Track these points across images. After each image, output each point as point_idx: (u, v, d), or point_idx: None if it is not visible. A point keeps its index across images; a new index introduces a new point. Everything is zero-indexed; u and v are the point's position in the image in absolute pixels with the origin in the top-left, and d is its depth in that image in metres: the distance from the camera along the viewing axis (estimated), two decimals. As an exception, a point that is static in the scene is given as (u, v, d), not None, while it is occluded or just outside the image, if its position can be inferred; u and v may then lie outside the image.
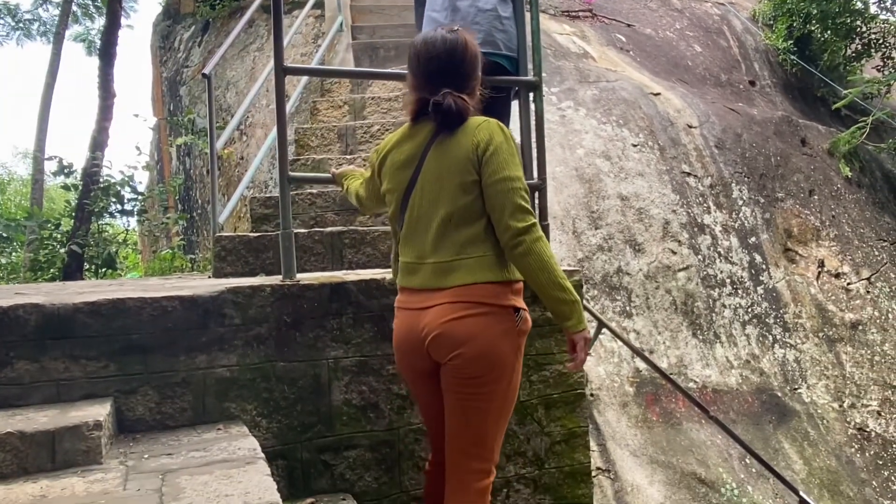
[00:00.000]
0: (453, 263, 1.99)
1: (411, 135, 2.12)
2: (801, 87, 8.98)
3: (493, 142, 1.97)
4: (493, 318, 1.96)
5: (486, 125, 2.02)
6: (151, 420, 2.25)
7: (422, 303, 2.03)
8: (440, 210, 2.01)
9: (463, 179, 1.98)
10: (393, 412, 2.59)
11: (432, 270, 2.02)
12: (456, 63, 2.06)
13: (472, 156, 1.98)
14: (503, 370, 1.98)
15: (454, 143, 2.01)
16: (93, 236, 6.04)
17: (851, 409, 5.47)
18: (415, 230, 2.08)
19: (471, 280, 1.96)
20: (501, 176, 1.95)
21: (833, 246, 6.44)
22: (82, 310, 2.18)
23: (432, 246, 2.03)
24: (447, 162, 2.01)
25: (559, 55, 6.92)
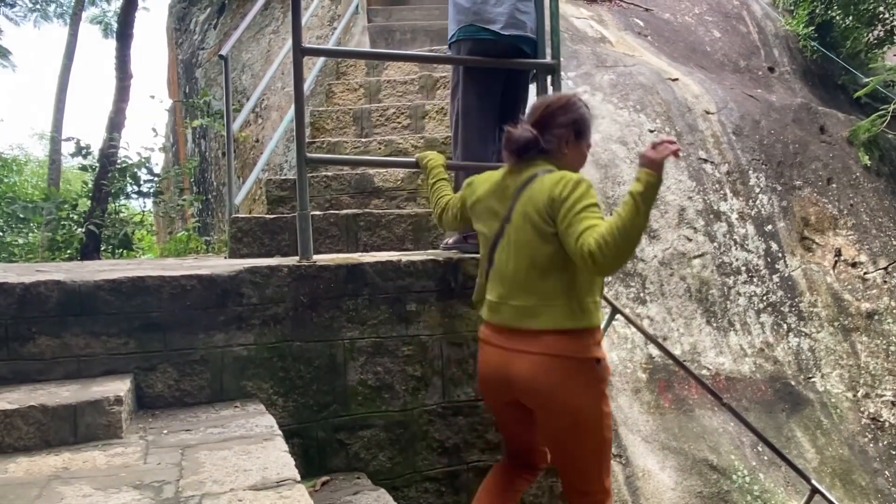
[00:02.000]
0: (535, 309, 2.10)
1: (503, 184, 2.25)
2: (821, 74, 8.85)
3: (566, 191, 2.04)
4: (574, 372, 2.07)
5: (565, 179, 2.08)
6: (170, 397, 2.28)
7: (507, 343, 2.15)
8: (523, 259, 2.13)
9: (546, 231, 2.08)
10: (407, 393, 2.61)
11: (514, 312, 2.14)
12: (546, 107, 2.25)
13: (548, 208, 2.06)
14: (587, 418, 2.10)
15: (536, 196, 2.11)
16: (109, 217, 6.09)
17: (865, 399, 5.44)
18: (501, 272, 2.20)
19: (553, 326, 2.07)
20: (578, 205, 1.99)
21: (850, 235, 6.38)
22: (103, 287, 2.20)
23: (514, 290, 2.15)
24: (531, 214, 2.11)
25: (576, 39, 6.86)
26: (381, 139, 4.79)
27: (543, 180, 2.12)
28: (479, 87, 2.94)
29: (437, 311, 2.66)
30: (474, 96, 2.94)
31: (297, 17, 2.62)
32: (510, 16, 2.87)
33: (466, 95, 2.95)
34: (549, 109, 2.24)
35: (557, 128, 2.21)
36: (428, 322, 2.65)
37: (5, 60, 15.62)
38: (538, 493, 2.77)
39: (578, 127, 2.26)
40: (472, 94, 2.95)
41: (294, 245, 3.53)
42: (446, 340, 2.67)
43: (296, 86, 2.63)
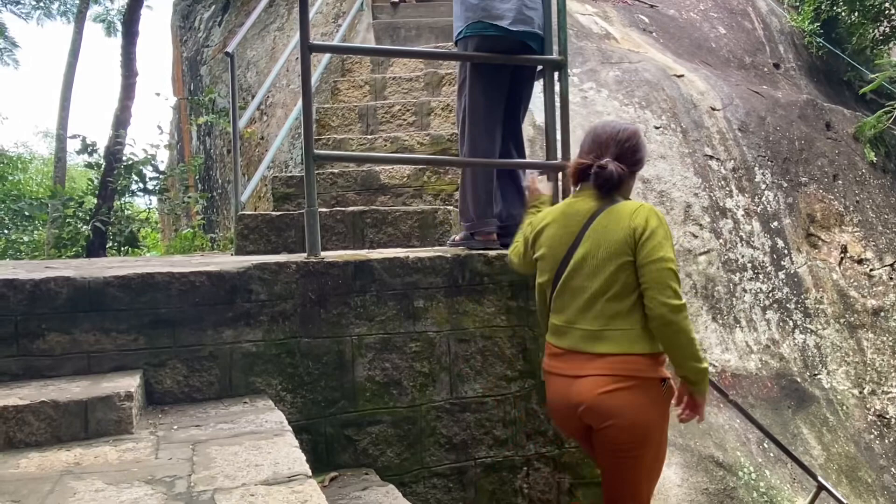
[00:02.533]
0: (603, 333, 2.19)
1: (571, 212, 2.34)
2: (826, 71, 8.82)
3: (650, 226, 2.15)
4: (642, 391, 2.15)
5: (642, 210, 2.20)
6: (179, 393, 2.29)
7: (574, 370, 2.23)
8: (594, 283, 2.21)
9: (620, 260, 2.17)
10: (415, 389, 2.61)
11: (581, 336, 2.23)
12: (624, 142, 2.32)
13: (629, 239, 2.16)
14: (651, 436, 2.19)
15: (613, 224, 2.21)
16: (115, 214, 6.11)
17: (871, 396, 5.43)
18: (567, 297, 2.28)
19: (619, 350, 2.16)
20: (655, 258, 2.12)
21: (856, 231, 6.36)
22: (112, 283, 2.21)
23: (582, 314, 2.23)
24: (606, 242, 2.20)
25: (581, 36, 6.85)
26: (387, 136, 4.79)
27: (618, 210, 2.24)
28: (486, 83, 2.94)
29: (444, 308, 2.66)
30: (481, 93, 2.94)
31: (304, 14, 2.62)
32: (518, 11, 2.86)
33: (473, 92, 2.95)
34: (629, 145, 2.33)
35: (632, 164, 2.34)
36: (435, 318, 2.65)
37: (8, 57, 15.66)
38: (545, 488, 2.78)
39: (641, 166, 2.41)
40: (479, 90, 2.94)
41: (300, 242, 3.53)
42: (454, 337, 2.67)
43: (303, 82, 2.63)
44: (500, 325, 2.75)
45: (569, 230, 2.30)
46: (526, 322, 2.79)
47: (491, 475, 2.70)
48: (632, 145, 2.33)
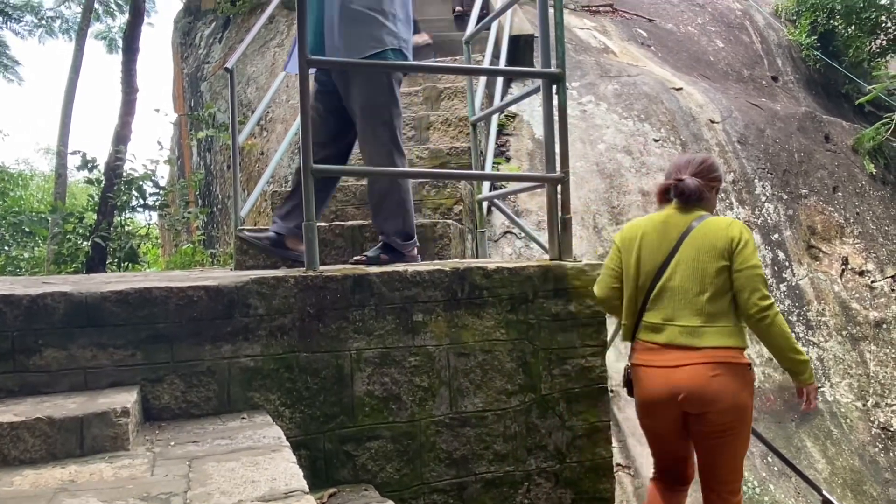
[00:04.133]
0: (701, 329, 2.52)
1: (665, 225, 2.70)
2: (824, 83, 8.86)
3: (743, 238, 2.53)
4: (736, 377, 2.49)
5: (736, 224, 2.59)
6: (177, 408, 2.27)
7: (673, 361, 2.54)
8: (694, 285, 2.55)
9: (719, 265, 2.53)
10: (415, 404, 2.59)
11: (679, 331, 2.55)
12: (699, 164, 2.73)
13: (728, 247, 2.52)
14: (745, 415, 2.54)
15: (711, 234, 2.57)
16: (115, 230, 6.11)
17: (875, 409, 5.40)
18: (666, 298, 2.61)
19: (717, 344, 2.49)
20: (749, 265, 2.49)
21: (857, 243, 6.35)
22: (110, 298, 2.20)
23: (681, 312, 2.57)
24: (706, 249, 2.55)
25: (580, 50, 6.88)
26: (386, 150, 4.79)
27: (714, 222, 2.61)
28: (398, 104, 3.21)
29: (443, 322, 2.65)
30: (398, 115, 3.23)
31: (302, 29, 2.63)
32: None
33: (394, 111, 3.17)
34: (704, 166, 2.73)
35: (709, 181, 2.71)
36: (434, 332, 2.63)
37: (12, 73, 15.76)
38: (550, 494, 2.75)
39: (718, 185, 2.80)
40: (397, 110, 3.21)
41: (301, 257, 3.52)
42: (453, 351, 2.66)
43: (301, 96, 2.63)
44: (500, 339, 2.73)
45: (668, 238, 2.65)
46: (525, 335, 2.77)
47: (491, 491, 2.67)
48: (706, 165, 2.73)
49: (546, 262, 2.88)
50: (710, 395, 2.46)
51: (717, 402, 2.46)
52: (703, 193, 2.65)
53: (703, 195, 2.66)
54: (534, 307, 2.77)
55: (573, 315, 2.82)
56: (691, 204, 2.66)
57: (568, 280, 2.83)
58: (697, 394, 2.47)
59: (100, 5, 14.14)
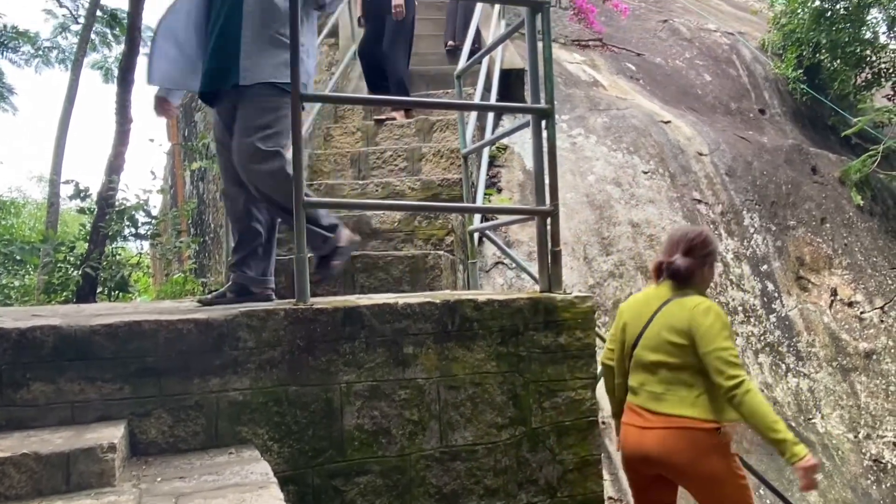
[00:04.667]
0: (663, 395, 2.69)
1: (649, 298, 2.88)
2: (811, 116, 9.01)
3: (707, 321, 2.61)
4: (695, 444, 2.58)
5: (702, 305, 2.67)
6: (164, 443, 2.25)
7: (643, 423, 2.72)
8: (658, 357, 2.74)
9: (678, 341, 2.67)
10: (405, 438, 2.58)
11: (648, 396, 2.74)
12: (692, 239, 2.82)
13: (687, 328, 2.65)
14: (715, 480, 2.59)
15: (678, 312, 2.71)
16: (106, 259, 6.09)
17: (867, 440, 5.39)
18: (640, 364, 2.82)
19: (677, 412, 2.63)
20: (710, 348, 2.57)
21: (846, 274, 6.41)
22: (99, 332, 2.20)
23: (649, 379, 2.76)
24: (667, 327, 2.72)
25: (570, 83, 6.99)
26: (379, 181, 4.84)
27: (682, 303, 2.73)
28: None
29: (434, 354, 2.65)
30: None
31: (295, 65, 2.67)
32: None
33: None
34: (696, 242, 2.81)
35: (698, 258, 2.79)
36: (425, 365, 2.63)
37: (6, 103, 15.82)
38: (538, 539, 2.73)
39: (713, 259, 2.86)
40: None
41: (291, 287, 3.52)
42: (443, 384, 2.65)
43: (294, 132, 2.66)
44: (490, 372, 2.73)
45: (646, 311, 2.84)
46: (516, 368, 2.77)
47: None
48: (699, 241, 2.81)
49: (536, 295, 2.90)
50: (669, 461, 2.61)
51: (676, 468, 2.62)
52: (693, 272, 2.77)
53: (694, 273, 2.78)
54: (524, 339, 2.78)
55: (563, 347, 2.83)
56: (682, 283, 2.79)
57: (558, 312, 2.84)
58: (657, 458, 2.64)
59: (96, 36, 14.28)
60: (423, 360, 2.63)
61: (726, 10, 12.04)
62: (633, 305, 2.95)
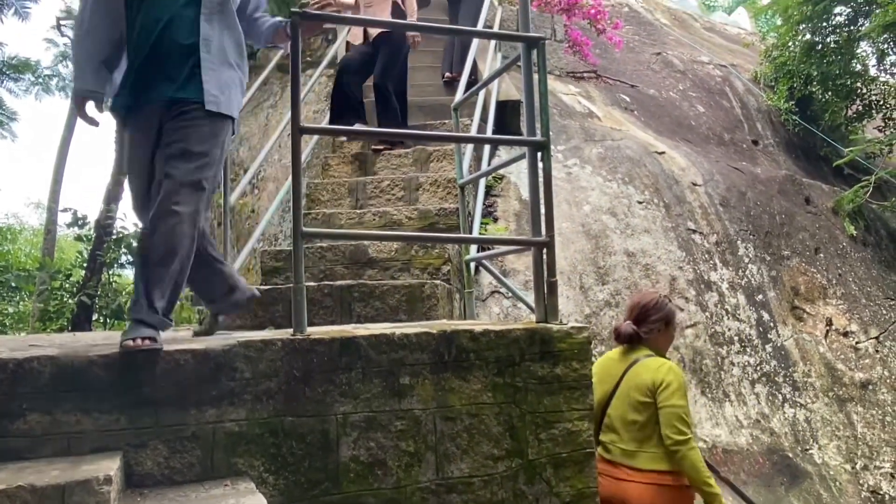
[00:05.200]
0: (636, 452, 2.97)
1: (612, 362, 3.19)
2: (803, 147, 9.12)
3: (666, 381, 2.93)
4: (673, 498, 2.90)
5: (664, 367, 2.98)
6: (159, 475, 2.24)
7: (620, 475, 2.98)
8: (627, 415, 3.01)
9: (644, 400, 2.96)
10: (401, 470, 2.57)
11: (621, 452, 3.02)
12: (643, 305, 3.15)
13: (651, 387, 2.95)
14: None
15: (642, 374, 3.00)
16: (103, 287, 6.10)
17: (864, 471, 5.37)
18: (611, 424, 3.09)
19: (654, 468, 2.92)
20: (668, 404, 2.90)
21: (840, 304, 6.43)
22: (97, 363, 2.20)
23: (620, 436, 3.04)
24: (634, 387, 3.01)
25: (565, 114, 7.08)
26: (376, 210, 4.87)
27: (646, 364, 3.02)
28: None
29: (430, 385, 2.65)
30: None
31: (296, 97, 2.72)
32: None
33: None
34: (645, 308, 3.12)
35: (651, 322, 3.09)
36: (421, 396, 2.63)
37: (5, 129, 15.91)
38: (534, 573, 2.70)
39: (667, 320, 3.13)
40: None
41: (288, 316, 3.54)
42: (440, 414, 2.65)
43: (293, 163, 2.70)
44: (487, 403, 2.73)
45: (615, 372, 3.12)
46: (512, 399, 2.77)
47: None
48: (651, 308, 3.11)
49: (532, 325, 2.91)
50: None
51: None
52: (646, 337, 3.09)
53: (648, 338, 3.09)
54: (520, 370, 2.78)
55: (560, 378, 2.84)
56: (633, 344, 3.11)
57: (554, 343, 2.85)
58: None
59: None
60: (419, 390, 2.63)
61: (719, 43, 12.25)
62: (602, 366, 3.21)
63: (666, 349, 3.18)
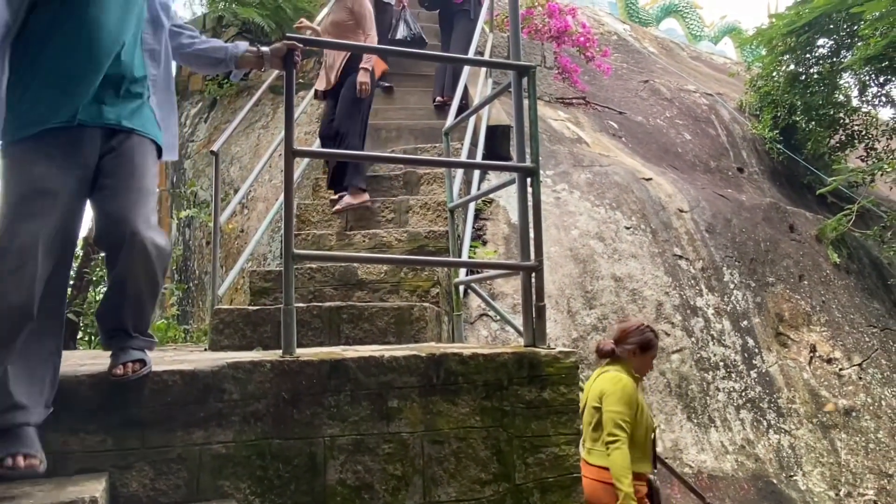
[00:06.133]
0: (591, 450, 3.44)
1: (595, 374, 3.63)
2: (787, 175, 9.26)
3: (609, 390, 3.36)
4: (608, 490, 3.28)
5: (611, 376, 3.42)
6: (144, 497, 2.22)
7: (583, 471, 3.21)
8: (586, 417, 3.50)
9: (594, 404, 3.43)
10: (388, 493, 2.56)
11: (585, 450, 3.45)
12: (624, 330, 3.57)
13: (600, 394, 3.40)
14: None
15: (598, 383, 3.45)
16: (90, 305, 6.05)
17: (848, 498, 5.39)
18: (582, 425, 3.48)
19: (598, 464, 3.36)
20: (607, 409, 3.34)
21: (824, 331, 6.50)
22: (84, 382, 2.19)
23: (585, 437, 3.49)
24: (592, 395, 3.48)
25: (554, 140, 7.16)
26: (366, 232, 4.90)
27: (603, 376, 3.46)
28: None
29: (418, 408, 2.66)
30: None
31: (289, 120, 2.75)
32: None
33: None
34: (626, 331, 3.52)
35: (628, 343, 3.48)
36: (409, 419, 2.64)
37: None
38: None
39: (643, 346, 3.48)
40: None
41: (276, 337, 3.53)
42: (427, 438, 2.65)
43: (286, 185, 2.72)
44: (475, 426, 2.74)
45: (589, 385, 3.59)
46: (500, 423, 2.78)
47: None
48: (631, 331, 3.51)
49: (521, 349, 2.93)
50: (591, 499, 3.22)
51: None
52: (621, 355, 3.48)
53: (622, 357, 3.48)
54: (508, 394, 2.79)
55: (547, 402, 2.85)
56: (609, 360, 3.54)
57: (542, 367, 2.87)
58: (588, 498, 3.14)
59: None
60: (407, 413, 2.64)
61: (705, 72, 12.47)
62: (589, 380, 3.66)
63: (642, 372, 3.53)
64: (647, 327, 3.55)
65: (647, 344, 3.51)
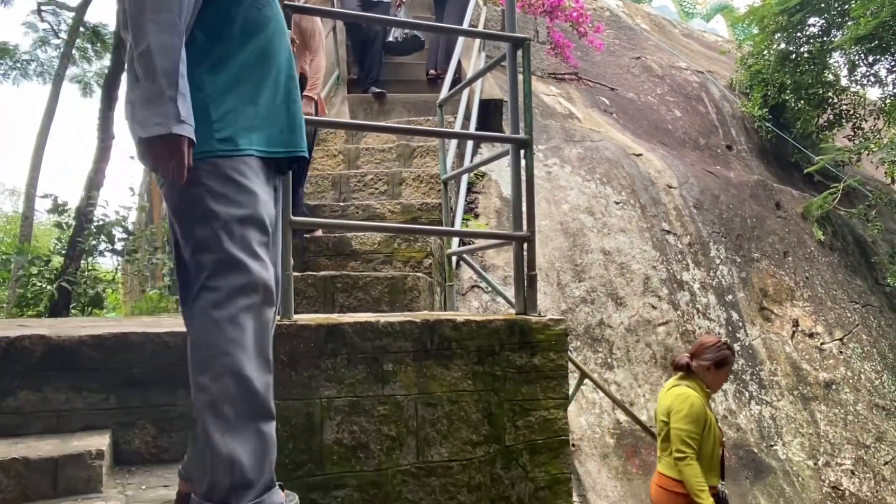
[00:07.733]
0: (660, 458, 3.61)
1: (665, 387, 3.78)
2: (775, 153, 9.35)
3: (675, 406, 3.49)
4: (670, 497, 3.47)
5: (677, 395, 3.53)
6: (147, 453, 2.29)
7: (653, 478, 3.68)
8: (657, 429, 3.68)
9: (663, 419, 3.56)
10: (382, 453, 2.65)
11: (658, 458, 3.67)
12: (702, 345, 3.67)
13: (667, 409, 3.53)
14: None
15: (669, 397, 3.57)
16: (82, 274, 6.07)
17: (826, 468, 5.56)
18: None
19: (664, 472, 3.53)
20: (674, 426, 3.47)
21: (807, 306, 6.64)
22: (87, 342, 2.25)
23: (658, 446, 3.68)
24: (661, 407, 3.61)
25: (546, 115, 7.20)
26: (359, 204, 4.94)
27: (671, 390, 3.59)
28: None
29: (412, 372, 2.73)
30: None
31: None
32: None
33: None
34: (703, 346, 3.62)
35: (703, 359, 3.57)
36: (404, 382, 2.71)
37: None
38: (508, 555, 2.80)
39: (718, 363, 3.56)
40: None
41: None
42: (421, 401, 2.74)
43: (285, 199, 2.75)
44: (467, 390, 2.82)
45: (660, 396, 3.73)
46: (491, 387, 2.87)
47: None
48: (707, 347, 3.60)
49: (512, 317, 3.00)
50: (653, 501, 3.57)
51: None
52: (691, 367, 3.58)
53: (697, 371, 3.57)
54: (500, 359, 2.88)
55: (537, 368, 2.94)
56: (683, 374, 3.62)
57: (533, 334, 2.95)
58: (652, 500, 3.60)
59: (77, 50, 14.22)
60: (402, 377, 2.71)
61: (697, 50, 12.48)
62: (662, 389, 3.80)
63: (714, 388, 3.63)
64: (724, 344, 3.66)
65: (722, 361, 3.60)
